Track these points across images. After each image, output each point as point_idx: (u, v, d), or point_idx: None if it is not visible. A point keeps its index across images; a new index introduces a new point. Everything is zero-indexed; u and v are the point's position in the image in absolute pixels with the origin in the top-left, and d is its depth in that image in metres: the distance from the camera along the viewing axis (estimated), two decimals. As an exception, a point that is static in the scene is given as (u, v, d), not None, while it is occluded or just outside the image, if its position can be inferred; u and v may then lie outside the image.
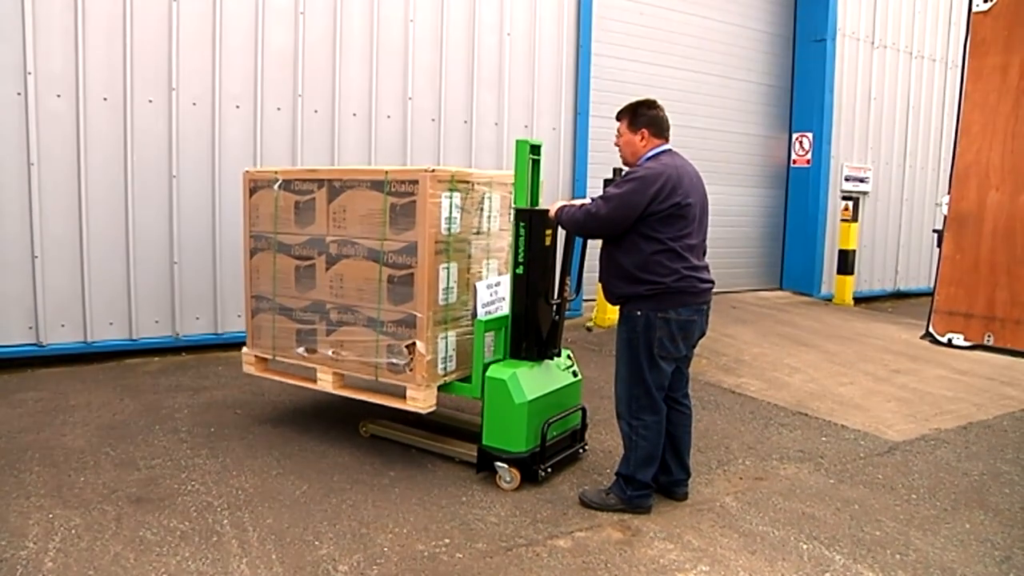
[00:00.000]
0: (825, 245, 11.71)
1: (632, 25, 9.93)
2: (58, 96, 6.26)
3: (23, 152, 6.18)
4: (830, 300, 11.75)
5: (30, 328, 6.36)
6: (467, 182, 4.56)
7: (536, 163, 4.51)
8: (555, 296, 4.56)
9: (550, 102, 8.84)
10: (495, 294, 4.68)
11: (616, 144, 4.32)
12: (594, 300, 8.75)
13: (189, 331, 7.03)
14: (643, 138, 4.16)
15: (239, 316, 7.15)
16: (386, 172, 4.49)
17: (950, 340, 6.31)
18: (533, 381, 4.40)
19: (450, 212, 4.43)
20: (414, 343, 4.43)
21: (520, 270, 4.41)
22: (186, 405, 5.61)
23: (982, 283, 6.12)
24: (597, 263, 4.24)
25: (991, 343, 6.16)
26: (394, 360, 4.52)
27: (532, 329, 4.48)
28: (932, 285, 6.70)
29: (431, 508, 4.05)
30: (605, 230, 4.06)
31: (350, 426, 5.24)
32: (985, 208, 6.06)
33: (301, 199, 4.83)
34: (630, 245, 4.01)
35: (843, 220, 11.62)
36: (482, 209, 4.71)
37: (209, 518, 3.84)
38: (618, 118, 4.30)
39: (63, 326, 6.48)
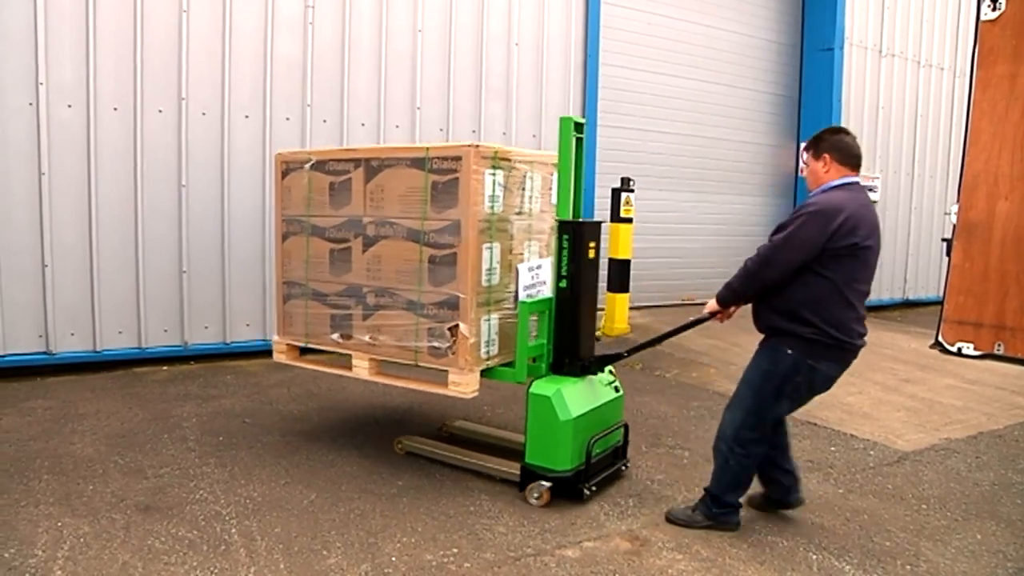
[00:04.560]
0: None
1: (639, 35, 9.95)
2: (69, 106, 6.30)
3: (34, 162, 6.22)
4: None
5: (40, 336, 6.38)
6: (508, 160, 4.42)
7: (580, 142, 4.39)
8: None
9: (558, 111, 8.82)
10: (536, 277, 4.58)
11: (803, 174, 4.09)
12: (602, 308, 8.71)
13: (198, 340, 7.05)
14: (825, 164, 3.85)
15: (248, 325, 7.20)
16: (427, 149, 4.35)
17: (960, 349, 6.24)
18: (578, 397, 4.27)
19: (493, 190, 4.30)
20: (457, 325, 4.29)
21: (564, 284, 4.30)
22: (194, 414, 5.62)
23: (992, 292, 6.07)
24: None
25: (1001, 352, 6.10)
26: (436, 343, 4.38)
27: (576, 344, 4.36)
28: (941, 294, 6.65)
29: (439, 518, 4.04)
30: (782, 273, 3.72)
31: (359, 435, 5.24)
32: (994, 217, 6.03)
33: (336, 180, 4.68)
34: (799, 281, 3.73)
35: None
36: (523, 189, 4.57)
37: (217, 527, 3.84)
38: (806, 149, 4.05)
39: (72, 335, 6.50)
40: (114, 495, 4.17)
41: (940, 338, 7.78)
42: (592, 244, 4.33)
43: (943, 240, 6.51)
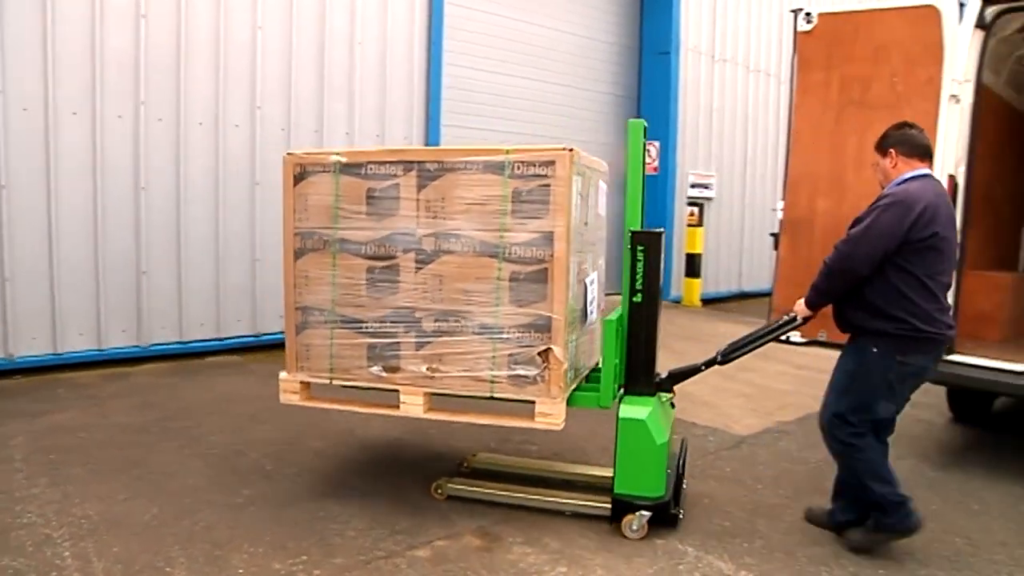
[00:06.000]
0: (673, 249, 12.18)
1: (483, 35, 10.05)
2: None
3: None
4: (679, 302, 12.24)
5: None
6: (589, 167, 4.13)
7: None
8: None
9: (402, 111, 8.82)
10: (593, 291, 4.33)
11: (877, 175, 3.97)
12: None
13: (24, 352, 6.60)
14: (892, 159, 3.82)
15: (81, 334, 6.81)
16: (506, 151, 3.88)
17: (788, 338, 6.66)
18: (661, 417, 4.05)
19: (576, 199, 3.94)
20: (549, 349, 3.85)
21: (639, 298, 3.96)
22: (22, 431, 5.26)
23: (814, 284, 6.52)
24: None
25: (825, 339, 6.54)
26: (522, 371, 3.90)
27: (652, 361, 4.07)
28: (771, 286, 7.08)
29: (287, 525, 3.97)
30: (864, 267, 3.63)
31: (201, 445, 5.07)
32: (815, 214, 6.49)
33: (377, 186, 4.05)
34: (880, 275, 3.65)
35: (689, 225, 12.15)
36: (589, 197, 4.24)
37: (48, 552, 3.62)
38: (875, 149, 3.95)
39: None
40: (-71, 524, 3.87)
41: (770, 327, 8.29)
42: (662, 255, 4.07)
43: (771, 235, 6.93)
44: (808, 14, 6.01)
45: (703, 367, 4.21)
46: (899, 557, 3.86)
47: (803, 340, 8.35)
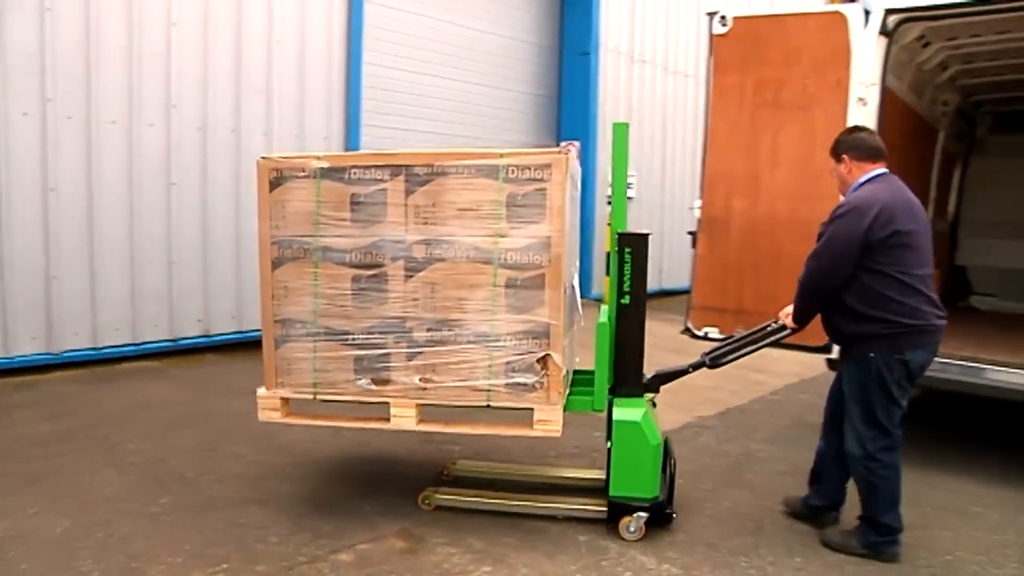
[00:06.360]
0: (594, 248, 12.26)
1: (404, 35, 9.96)
2: None
3: None
4: (600, 300, 12.37)
5: None
6: (573, 169, 4.09)
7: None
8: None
9: (321, 111, 8.69)
10: (577, 294, 4.32)
11: (833, 180, 4.08)
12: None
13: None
14: (846, 165, 3.94)
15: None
16: (500, 155, 3.82)
17: (706, 334, 6.81)
18: (652, 418, 4.09)
19: (568, 203, 3.92)
20: (548, 356, 3.84)
21: (626, 300, 4.00)
22: (-78, 444, 5.04)
23: (732, 280, 6.69)
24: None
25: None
26: (521, 379, 3.86)
27: (640, 363, 4.10)
28: (690, 283, 7.22)
29: (207, 533, 3.89)
30: (833, 280, 3.76)
31: (115, 452, 4.93)
32: (732, 213, 6.64)
33: (362, 191, 3.92)
34: (855, 281, 3.74)
35: (609, 224, 12.27)
36: (574, 200, 4.27)
37: (-49, 570, 3.48)
38: (830, 156, 4.05)
39: None
40: None
41: (689, 324, 8.45)
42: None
43: (689, 233, 7.06)
44: (723, 17, 6.15)
45: (690, 369, 4.29)
46: (816, 546, 4.01)
47: (722, 336, 8.56)
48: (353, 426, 4.20)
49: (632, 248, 3.99)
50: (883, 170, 3.93)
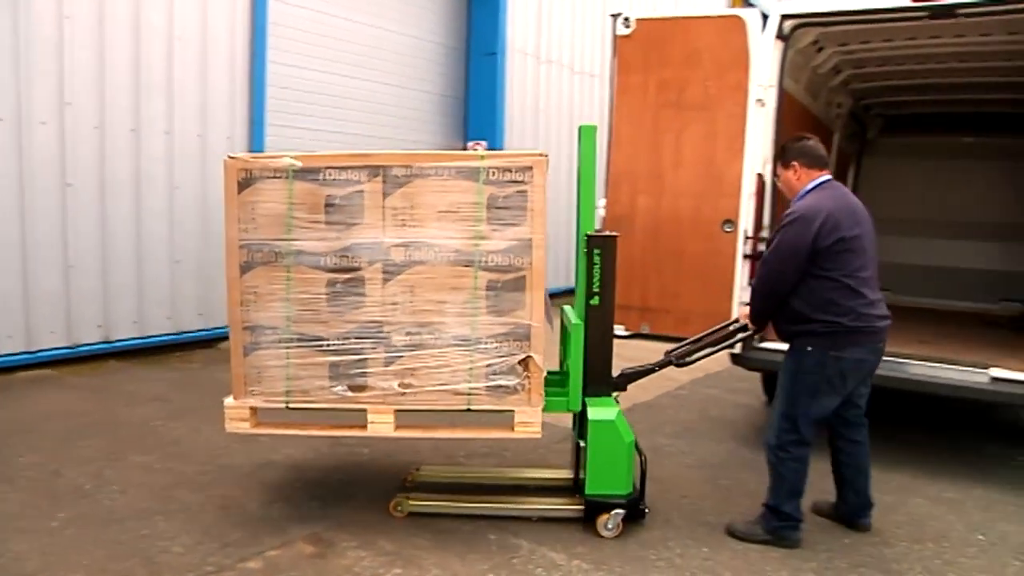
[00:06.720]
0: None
1: (310, 34, 9.79)
2: None
3: None
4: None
5: None
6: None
7: None
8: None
9: (225, 110, 8.48)
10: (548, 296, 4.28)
11: (780, 189, 4.22)
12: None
13: None
14: (795, 171, 4.06)
15: None
16: (481, 156, 3.84)
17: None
18: (623, 416, 4.15)
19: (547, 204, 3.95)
20: (529, 358, 3.86)
21: (596, 300, 4.03)
22: None
23: (636, 278, 6.82)
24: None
25: (648, 331, 6.86)
26: (502, 382, 3.86)
27: (609, 363, 4.17)
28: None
29: (109, 546, 3.77)
30: (783, 284, 3.90)
31: (9, 465, 4.72)
32: (636, 211, 6.78)
33: (338, 192, 3.84)
34: (802, 284, 3.88)
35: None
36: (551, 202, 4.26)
37: None
38: (778, 162, 4.20)
39: None
40: None
41: (598, 321, 8.62)
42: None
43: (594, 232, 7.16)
44: (627, 19, 6.28)
45: (656, 368, 4.43)
46: (722, 536, 4.15)
47: (628, 333, 8.73)
48: (326, 434, 4.15)
49: (601, 249, 4.03)
50: (828, 177, 4.09)
